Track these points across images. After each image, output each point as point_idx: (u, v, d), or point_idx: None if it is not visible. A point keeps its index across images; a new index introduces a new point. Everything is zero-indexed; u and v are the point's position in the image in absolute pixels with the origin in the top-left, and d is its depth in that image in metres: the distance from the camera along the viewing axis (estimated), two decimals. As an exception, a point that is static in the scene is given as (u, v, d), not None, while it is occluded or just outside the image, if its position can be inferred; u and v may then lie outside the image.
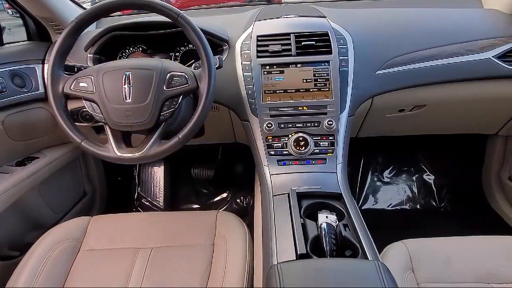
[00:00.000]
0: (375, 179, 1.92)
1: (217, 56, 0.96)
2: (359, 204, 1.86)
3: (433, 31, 1.19)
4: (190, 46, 1.22)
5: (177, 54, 1.23)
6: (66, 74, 0.93)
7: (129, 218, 1.12)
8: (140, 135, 0.93)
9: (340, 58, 1.06)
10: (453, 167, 1.88)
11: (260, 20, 1.18)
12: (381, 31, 1.20)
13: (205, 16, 1.35)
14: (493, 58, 1.16)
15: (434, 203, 1.84)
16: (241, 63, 1.09)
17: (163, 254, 0.97)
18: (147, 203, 1.88)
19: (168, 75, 0.88)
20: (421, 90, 1.19)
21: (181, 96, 0.90)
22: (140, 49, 1.24)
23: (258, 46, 1.09)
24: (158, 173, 1.89)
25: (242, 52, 1.10)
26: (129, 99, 0.87)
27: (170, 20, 0.89)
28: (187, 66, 0.99)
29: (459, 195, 1.82)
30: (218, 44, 1.15)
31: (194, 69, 0.94)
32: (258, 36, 1.11)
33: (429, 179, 1.89)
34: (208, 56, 0.88)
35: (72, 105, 1.14)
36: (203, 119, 0.89)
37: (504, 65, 1.16)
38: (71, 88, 0.90)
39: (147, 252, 0.97)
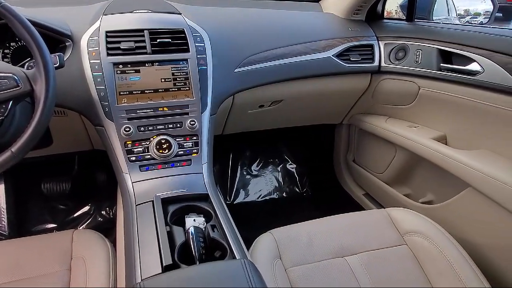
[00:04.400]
0: (244, 173, 1.99)
1: (57, 53, 0.83)
2: (231, 199, 1.91)
3: (282, 32, 1.29)
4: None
5: (6, 51, 1.03)
6: None
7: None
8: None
9: (198, 56, 1.04)
10: (310, 155, 2.09)
11: (109, 14, 1.07)
12: (236, 30, 1.23)
13: (41, 7, 1.16)
14: (333, 57, 1.32)
15: (298, 190, 2.01)
16: (89, 61, 0.97)
17: (3, 293, 0.80)
18: (-15, 231, 1.55)
19: None
20: (276, 87, 1.27)
21: (11, 102, 0.75)
22: (-48, 44, 1.00)
23: (107, 42, 0.99)
24: (-3, 193, 1.58)
25: (89, 49, 0.98)
26: None
27: None
28: (19, 66, 0.83)
29: (317, 180, 2.04)
30: (59, 40, 1.00)
31: (27, 69, 0.80)
32: (107, 32, 1.00)
33: (292, 168, 2.06)
34: (43, 53, 0.75)
35: None
36: (43, 128, 0.76)
37: (342, 62, 1.33)
38: None
39: (-20, 294, 0.79)
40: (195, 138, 0.98)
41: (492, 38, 1.08)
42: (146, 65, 0.99)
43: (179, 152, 0.96)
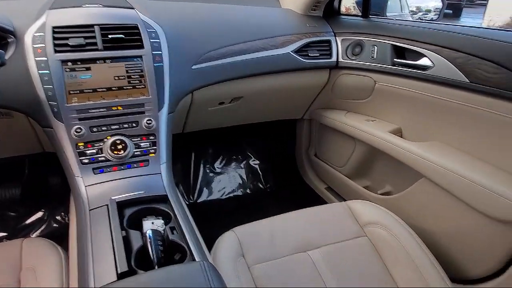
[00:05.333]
0: (207, 171, 1.97)
1: None
2: (195, 198, 1.88)
3: (240, 27, 1.28)
4: None
5: None
6: None
7: None
8: None
9: (154, 52, 1.00)
10: (273, 151, 2.10)
11: (55, 8, 1.01)
12: (192, 26, 1.20)
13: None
14: (291, 53, 1.32)
15: (261, 186, 2.02)
16: (35, 59, 0.91)
17: None
18: None
19: None
20: (236, 83, 1.26)
21: None
22: None
23: (55, 39, 0.93)
24: None
25: (35, 46, 0.92)
26: None
27: None
28: None
29: (280, 175, 2.05)
30: (0, 36, 0.93)
31: None
32: (54, 27, 0.94)
33: (255, 164, 2.06)
34: None
35: None
36: None
37: (300, 58, 1.34)
38: None
39: None
40: (152, 137, 0.95)
41: (441, 34, 1.13)
42: (98, 62, 0.94)
43: (136, 153, 0.92)
